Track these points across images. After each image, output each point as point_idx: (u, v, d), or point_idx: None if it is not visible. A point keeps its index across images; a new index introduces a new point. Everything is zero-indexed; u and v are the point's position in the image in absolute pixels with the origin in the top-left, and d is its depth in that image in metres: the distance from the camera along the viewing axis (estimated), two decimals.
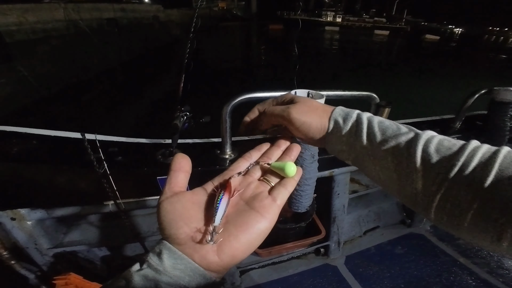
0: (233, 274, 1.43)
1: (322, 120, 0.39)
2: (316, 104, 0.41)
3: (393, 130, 0.35)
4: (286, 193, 0.33)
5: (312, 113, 0.39)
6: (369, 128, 0.36)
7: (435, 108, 7.07)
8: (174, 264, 0.25)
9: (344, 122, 0.38)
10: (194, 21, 0.77)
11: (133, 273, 0.25)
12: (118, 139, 1.02)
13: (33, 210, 1.04)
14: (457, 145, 0.31)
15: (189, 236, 0.27)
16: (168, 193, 0.29)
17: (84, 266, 1.33)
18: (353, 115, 0.38)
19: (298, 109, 0.39)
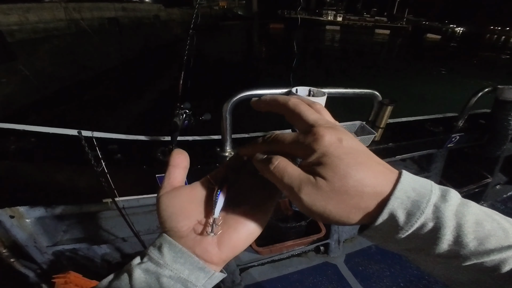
0: (233, 272, 1.42)
1: (358, 210, 0.22)
2: (360, 182, 0.22)
3: (498, 239, 0.21)
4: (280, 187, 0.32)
5: (339, 203, 0.22)
6: (457, 235, 0.21)
7: (437, 106, 7.04)
8: (174, 257, 0.25)
9: (408, 219, 0.21)
10: (193, 17, 0.76)
11: (134, 266, 0.25)
12: (118, 136, 1.02)
13: (32, 208, 1.03)
14: None
15: (190, 228, 0.27)
16: (168, 187, 0.30)
17: (84, 264, 1.33)
18: (426, 207, 0.21)
19: (314, 196, 0.23)
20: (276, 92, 0.90)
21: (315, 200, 0.22)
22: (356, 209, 0.22)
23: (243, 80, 9.40)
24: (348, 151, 0.23)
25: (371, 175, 0.22)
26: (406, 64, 15.04)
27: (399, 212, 0.21)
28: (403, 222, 0.21)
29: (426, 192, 0.21)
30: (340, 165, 0.22)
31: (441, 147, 1.41)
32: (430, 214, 0.21)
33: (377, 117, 1.12)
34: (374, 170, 0.23)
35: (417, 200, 0.21)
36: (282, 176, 0.24)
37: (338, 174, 0.22)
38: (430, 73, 12.74)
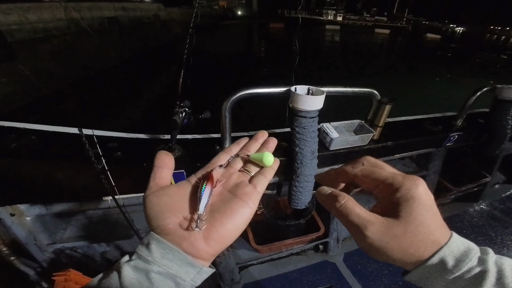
0: (232, 270, 1.43)
1: (412, 255, 0.26)
2: (427, 228, 0.26)
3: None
4: (265, 180, 0.34)
5: (401, 243, 0.26)
6: (499, 277, 0.25)
7: (436, 106, 7.05)
8: (162, 253, 0.26)
9: (457, 265, 0.26)
10: (193, 16, 0.77)
11: (123, 264, 0.26)
12: (118, 134, 1.02)
13: (32, 206, 1.04)
14: None
15: (176, 225, 0.28)
16: (153, 187, 0.31)
17: (84, 262, 1.33)
18: (473, 258, 0.26)
19: (389, 232, 0.26)
20: (276, 91, 0.91)
21: (381, 237, 0.26)
22: (416, 252, 0.26)
23: (243, 79, 9.40)
24: (430, 203, 0.27)
25: (439, 229, 0.27)
26: (406, 64, 15.03)
27: (449, 258, 0.26)
28: (451, 265, 0.25)
29: (473, 247, 0.27)
30: (422, 213, 0.26)
31: (439, 146, 1.42)
32: (476, 263, 0.26)
33: (375, 116, 1.12)
34: (441, 224, 0.27)
35: (466, 252, 0.26)
36: (349, 214, 0.28)
37: (416, 220, 0.26)
38: (430, 73, 12.74)
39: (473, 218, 1.93)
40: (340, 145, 1.07)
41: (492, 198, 2.08)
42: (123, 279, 0.24)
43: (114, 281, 0.24)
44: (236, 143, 0.40)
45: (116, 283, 0.24)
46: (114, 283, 0.24)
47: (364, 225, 0.27)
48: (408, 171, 1.58)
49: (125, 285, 0.24)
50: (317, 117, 0.91)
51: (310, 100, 0.84)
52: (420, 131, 1.33)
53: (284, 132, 1.12)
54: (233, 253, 1.49)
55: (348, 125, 1.17)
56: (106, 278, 0.25)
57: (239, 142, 0.40)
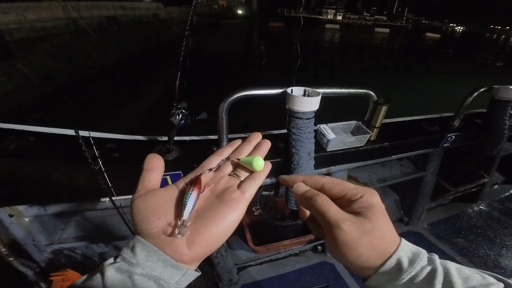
0: (230, 270, 1.43)
1: (382, 254, 0.29)
2: (386, 227, 0.30)
3: (477, 279, 0.28)
4: (255, 186, 0.34)
5: (371, 239, 0.29)
6: (446, 276, 0.28)
7: (434, 106, 7.05)
8: (146, 256, 0.26)
9: (410, 265, 0.29)
10: (189, 19, 0.77)
11: (106, 266, 0.26)
12: (115, 136, 1.02)
13: (30, 207, 1.04)
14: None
15: (160, 230, 0.28)
16: (142, 190, 0.31)
17: (82, 262, 1.34)
18: (423, 256, 0.30)
19: (362, 227, 0.29)
20: (272, 93, 0.91)
21: (355, 232, 0.29)
22: (380, 248, 0.29)
23: (241, 79, 9.39)
24: (385, 210, 0.32)
25: (392, 229, 0.31)
26: (405, 63, 15.02)
27: (404, 258, 0.29)
28: (406, 266, 0.29)
29: (421, 249, 0.31)
30: (383, 216, 0.31)
31: (437, 147, 1.42)
32: (426, 262, 0.29)
33: (372, 117, 1.13)
34: (392, 228, 0.31)
35: (416, 253, 0.30)
36: (328, 210, 0.31)
37: (380, 220, 0.30)
38: (429, 72, 12.73)
39: (472, 219, 1.93)
40: (337, 146, 1.08)
41: (491, 198, 2.08)
42: (106, 280, 0.24)
43: (97, 282, 0.25)
44: (229, 145, 0.39)
45: (98, 284, 0.24)
46: (97, 284, 0.24)
47: (342, 219, 0.30)
48: (406, 171, 1.58)
49: (108, 286, 0.24)
50: (313, 118, 0.91)
51: (306, 102, 0.85)
52: (418, 131, 1.33)
53: (281, 133, 1.13)
54: (231, 253, 1.50)
55: (345, 126, 1.17)
56: (89, 279, 0.25)
57: (232, 144, 0.40)
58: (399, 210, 1.89)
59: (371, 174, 1.51)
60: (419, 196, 1.72)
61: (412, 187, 1.72)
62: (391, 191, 1.90)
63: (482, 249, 1.71)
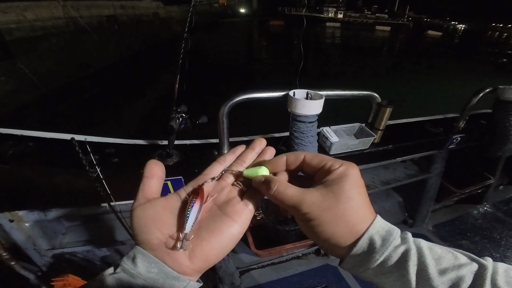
0: (232, 274, 1.42)
1: (351, 230, 0.28)
2: (356, 203, 0.28)
3: (449, 260, 0.27)
4: (258, 197, 0.33)
5: (342, 215, 0.27)
6: (420, 257, 0.27)
7: (438, 106, 7.00)
8: (148, 267, 0.26)
9: (383, 244, 0.27)
10: (188, 20, 0.75)
11: (106, 276, 0.25)
12: (115, 140, 1.01)
13: (30, 212, 1.03)
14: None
15: (161, 241, 0.27)
16: (141, 199, 0.30)
17: (84, 266, 1.33)
18: (396, 235, 0.28)
19: (323, 204, 0.28)
20: (273, 95, 0.90)
21: (316, 208, 0.28)
22: (346, 225, 0.28)
23: (242, 79, 9.35)
24: (361, 185, 0.30)
25: (366, 208, 0.29)
26: (408, 61, 14.94)
27: (376, 237, 0.27)
28: (378, 246, 0.27)
29: (394, 228, 0.29)
30: (353, 190, 0.28)
31: (441, 148, 1.40)
32: (399, 241, 0.28)
33: (376, 119, 1.11)
34: (366, 204, 0.29)
35: (389, 231, 0.28)
36: (283, 197, 0.29)
37: (348, 194, 0.28)
38: (432, 71, 12.67)
39: (477, 220, 1.91)
40: (340, 149, 1.06)
41: (496, 200, 2.06)
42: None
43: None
44: (231, 151, 0.38)
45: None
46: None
47: (300, 200, 0.28)
48: (410, 174, 1.56)
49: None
50: (316, 122, 0.89)
51: (309, 105, 0.83)
52: (422, 133, 1.31)
53: (283, 137, 1.11)
54: (233, 257, 1.49)
55: (348, 128, 1.15)
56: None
57: (234, 150, 0.38)
58: (403, 212, 1.87)
59: (374, 176, 1.49)
60: (423, 198, 1.70)
61: (416, 189, 1.70)
62: (394, 193, 1.88)
63: (487, 251, 1.69)
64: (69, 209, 1.07)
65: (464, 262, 0.27)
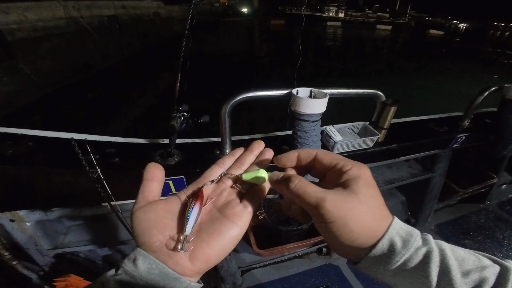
0: (234, 273, 1.42)
1: (370, 232, 0.27)
2: (374, 203, 0.28)
3: (473, 262, 0.26)
4: (258, 200, 0.34)
5: (358, 214, 0.27)
6: (442, 258, 0.26)
7: (442, 105, 6.95)
8: (149, 269, 0.26)
9: (404, 246, 0.26)
10: (189, 17, 0.74)
11: (108, 278, 0.26)
12: (116, 139, 1.00)
13: (32, 212, 1.02)
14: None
15: (162, 243, 0.28)
16: (142, 202, 0.30)
17: (86, 266, 1.33)
18: (417, 236, 0.27)
19: (344, 204, 0.27)
20: (276, 94, 0.88)
21: (339, 208, 0.27)
22: (369, 227, 0.27)
23: (243, 79, 9.34)
24: (374, 184, 0.30)
25: (382, 206, 0.29)
26: (408, 60, 14.88)
27: (397, 239, 0.27)
28: (400, 247, 0.26)
29: (414, 229, 0.28)
30: (371, 189, 0.29)
31: (446, 148, 1.39)
32: (421, 242, 0.27)
33: (380, 118, 1.10)
34: (382, 204, 0.29)
35: (409, 232, 0.27)
36: (305, 192, 0.28)
37: (366, 194, 0.28)
38: (433, 69, 12.60)
39: (480, 220, 1.90)
40: (343, 148, 1.05)
41: (499, 199, 2.05)
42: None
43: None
44: (230, 154, 0.38)
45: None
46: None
47: (322, 198, 0.27)
48: (414, 173, 1.55)
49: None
50: (319, 121, 0.88)
51: (313, 104, 0.82)
52: (426, 132, 1.30)
53: (285, 135, 1.10)
54: (235, 256, 1.48)
55: (352, 127, 1.14)
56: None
57: (233, 153, 0.38)
58: (405, 211, 1.86)
59: (377, 175, 1.48)
60: (426, 197, 1.68)
61: (419, 188, 1.68)
62: (397, 192, 1.87)
63: (490, 250, 1.68)
64: (70, 209, 1.07)
65: (487, 264, 0.26)
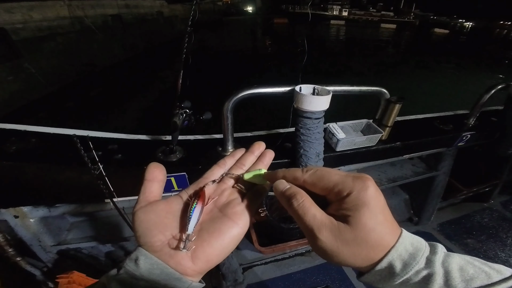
0: (235, 271, 1.42)
1: (364, 260, 0.26)
2: (377, 233, 0.26)
3: (481, 281, 0.25)
4: (259, 199, 0.34)
5: (352, 248, 0.25)
6: (446, 280, 0.25)
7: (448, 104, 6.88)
8: (150, 269, 0.26)
9: (404, 268, 0.25)
10: (191, 15, 0.74)
11: (109, 278, 0.26)
12: (118, 135, 1.01)
13: (35, 208, 1.03)
14: None
15: (164, 243, 0.28)
16: (143, 202, 0.30)
17: (88, 263, 1.34)
18: (420, 258, 0.25)
19: (340, 237, 0.26)
20: (279, 91, 0.88)
21: (332, 242, 0.25)
22: (365, 257, 0.26)
23: (246, 76, 9.33)
24: (381, 208, 0.26)
25: (389, 232, 0.26)
26: (413, 59, 14.74)
27: (398, 262, 0.25)
28: (399, 270, 0.25)
29: (421, 247, 0.26)
30: (372, 219, 0.25)
31: (450, 146, 1.37)
32: (423, 265, 0.25)
33: (384, 115, 1.08)
34: (390, 226, 0.27)
35: (414, 253, 0.26)
36: (305, 214, 0.27)
37: (366, 227, 0.25)
38: (438, 68, 12.47)
39: (484, 219, 1.88)
40: (347, 146, 1.04)
41: (503, 198, 2.02)
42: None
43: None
44: (231, 155, 0.38)
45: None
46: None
47: (319, 227, 0.26)
48: (418, 171, 1.53)
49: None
50: (322, 118, 0.87)
51: (316, 101, 0.81)
52: (430, 130, 1.28)
53: (288, 132, 1.09)
54: (236, 253, 1.48)
55: (355, 125, 1.13)
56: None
57: (234, 154, 0.38)
58: (408, 210, 1.84)
59: (380, 173, 1.47)
60: (429, 196, 1.67)
61: (422, 187, 1.67)
62: (400, 191, 1.85)
63: (493, 250, 1.66)
64: (73, 206, 1.07)
65: (496, 280, 0.24)
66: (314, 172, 0.29)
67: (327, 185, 0.28)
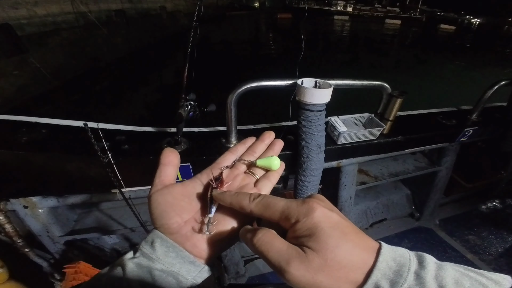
0: (237, 263, 1.44)
1: (346, 282, 0.23)
2: (346, 250, 0.23)
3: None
4: (270, 185, 0.35)
5: (329, 273, 0.22)
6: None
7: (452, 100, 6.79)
8: (166, 251, 0.27)
9: (393, 287, 0.22)
10: (197, 9, 0.75)
11: (126, 260, 0.26)
12: (125, 127, 1.03)
13: (44, 198, 1.06)
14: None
15: (180, 225, 0.28)
16: (159, 185, 0.31)
17: (95, 253, 1.37)
18: (408, 275, 0.22)
19: (303, 268, 0.23)
20: (282, 84, 0.89)
21: (306, 273, 0.22)
22: (346, 279, 0.23)
23: (250, 71, 9.30)
24: (336, 224, 0.24)
25: (358, 246, 0.23)
26: (418, 55, 14.54)
27: (383, 282, 0.22)
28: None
29: (406, 261, 0.23)
30: (331, 237, 0.23)
31: (453, 141, 1.37)
32: (413, 281, 0.22)
33: (386, 110, 1.09)
34: (359, 242, 0.24)
35: (398, 270, 0.22)
36: (268, 250, 0.24)
37: (330, 246, 0.23)
38: (443, 64, 12.29)
39: (485, 216, 1.87)
40: (348, 139, 1.05)
41: (506, 195, 2.01)
42: (127, 275, 0.25)
43: (119, 277, 0.25)
44: (242, 143, 0.39)
45: (120, 279, 0.25)
46: (119, 279, 0.25)
47: (286, 260, 0.23)
48: (420, 166, 1.53)
49: (129, 281, 0.25)
50: (324, 111, 0.88)
51: (317, 93, 0.82)
52: (433, 125, 1.28)
53: (290, 125, 1.11)
54: (238, 246, 1.50)
55: (357, 118, 1.14)
56: (111, 273, 0.26)
57: (245, 142, 0.39)
58: (410, 205, 1.85)
59: (382, 168, 1.48)
60: (431, 191, 1.67)
61: (425, 182, 1.67)
62: (402, 186, 1.86)
63: (494, 247, 1.66)
64: (82, 196, 1.10)
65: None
66: (260, 200, 0.27)
67: (274, 214, 0.26)
